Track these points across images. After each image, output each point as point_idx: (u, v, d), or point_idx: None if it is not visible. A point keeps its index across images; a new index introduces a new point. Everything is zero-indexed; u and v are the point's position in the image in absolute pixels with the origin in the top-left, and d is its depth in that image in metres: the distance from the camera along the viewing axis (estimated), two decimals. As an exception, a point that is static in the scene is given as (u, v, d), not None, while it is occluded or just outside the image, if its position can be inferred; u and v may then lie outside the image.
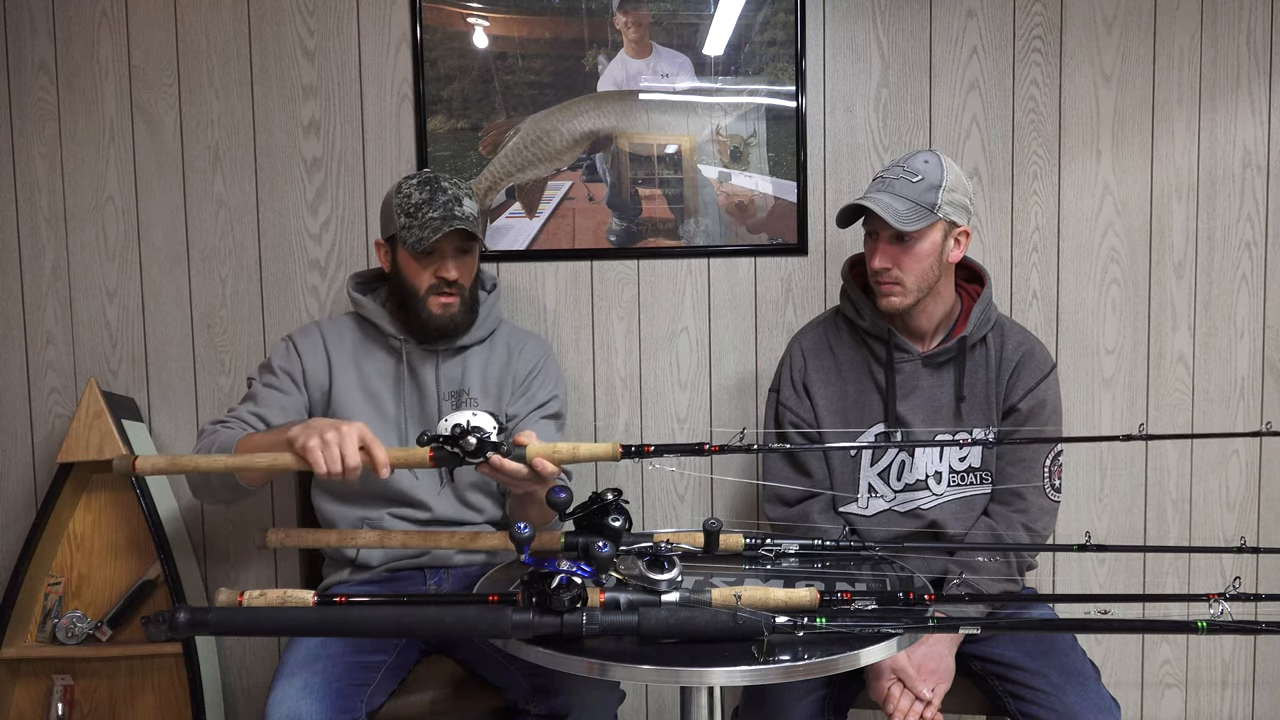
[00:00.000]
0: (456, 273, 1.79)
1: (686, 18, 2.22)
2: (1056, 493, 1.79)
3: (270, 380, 1.81)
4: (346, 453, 1.39)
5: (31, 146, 2.23)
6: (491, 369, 1.90)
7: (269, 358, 1.86)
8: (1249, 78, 2.24)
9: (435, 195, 1.77)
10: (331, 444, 1.39)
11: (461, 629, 1.33)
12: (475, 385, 1.88)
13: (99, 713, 2.20)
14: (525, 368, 1.92)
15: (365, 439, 1.42)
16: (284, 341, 1.87)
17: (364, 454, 1.41)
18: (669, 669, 1.18)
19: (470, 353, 1.89)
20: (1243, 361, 2.29)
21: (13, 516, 2.27)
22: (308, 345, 1.85)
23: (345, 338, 1.88)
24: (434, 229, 1.74)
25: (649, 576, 1.25)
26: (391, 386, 1.84)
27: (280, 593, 1.34)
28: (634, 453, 1.42)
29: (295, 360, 1.83)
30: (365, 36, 2.22)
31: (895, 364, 1.78)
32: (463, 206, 1.78)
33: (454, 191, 1.78)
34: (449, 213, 1.75)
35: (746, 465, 2.30)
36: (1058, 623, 1.75)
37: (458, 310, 1.82)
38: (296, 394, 1.81)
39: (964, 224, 1.74)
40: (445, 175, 1.83)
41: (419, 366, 1.86)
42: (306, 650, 1.63)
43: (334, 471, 1.39)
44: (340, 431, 1.40)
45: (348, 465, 1.39)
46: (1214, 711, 2.35)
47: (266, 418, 1.73)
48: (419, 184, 1.79)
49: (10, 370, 2.26)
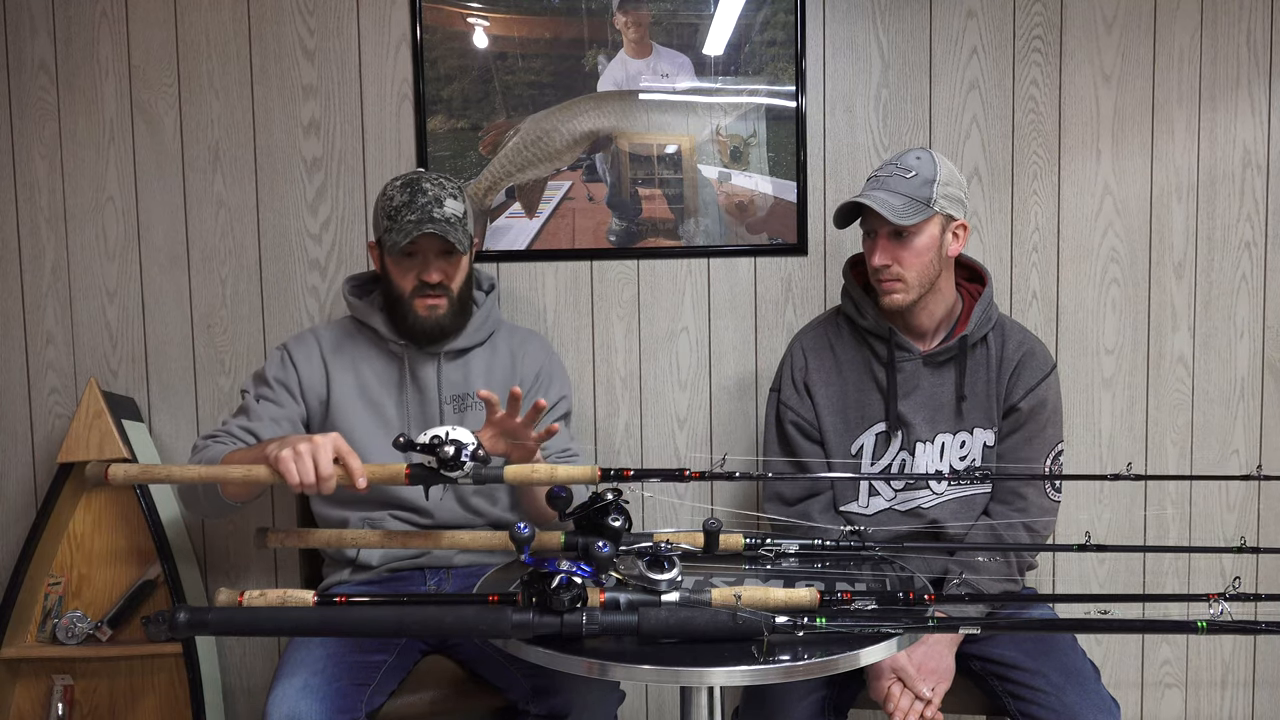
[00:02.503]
0: (438, 275, 1.76)
1: (686, 18, 2.22)
2: (1057, 493, 1.79)
3: (263, 392, 1.78)
4: (320, 461, 1.35)
5: (31, 146, 2.23)
6: (495, 372, 1.89)
7: (263, 368, 1.82)
8: (1249, 78, 2.24)
9: (414, 197, 1.74)
10: (304, 454, 1.35)
11: (461, 629, 1.32)
12: (478, 388, 1.85)
13: (99, 713, 2.20)
14: (531, 371, 1.91)
15: (340, 450, 1.38)
16: (279, 350, 1.84)
17: (339, 465, 1.38)
18: (669, 669, 1.18)
19: (472, 355, 1.88)
20: (1243, 361, 2.29)
21: (13, 516, 2.27)
22: (303, 354, 1.82)
23: (342, 344, 1.85)
24: (406, 233, 1.72)
25: (649, 576, 1.25)
26: (392, 392, 1.83)
27: (280, 593, 1.34)
28: (612, 476, 1.40)
29: (290, 371, 1.80)
30: (365, 36, 2.22)
31: (896, 363, 1.78)
32: (443, 208, 1.75)
33: (435, 193, 1.76)
34: (425, 215, 1.73)
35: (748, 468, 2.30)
36: (1058, 623, 1.75)
37: (444, 313, 1.79)
38: (292, 405, 1.78)
39: (961, 217, 1.74)
40: (431, 175, 1.80)
41: (420, 371, 1.84)
42: (306, 650, 1.63)
43: (306, 482, 1.35)
44: (314, 443, 1.37)
45: (321, 475, 1.35)
46: (1214, 711, 2.35)
47: (257, 432, 1.69)
48: (401, 185, 1.77)
49: (10, 370, 2.26)
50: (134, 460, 2.09)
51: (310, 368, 1.81)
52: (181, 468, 1.45)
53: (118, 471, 1.42)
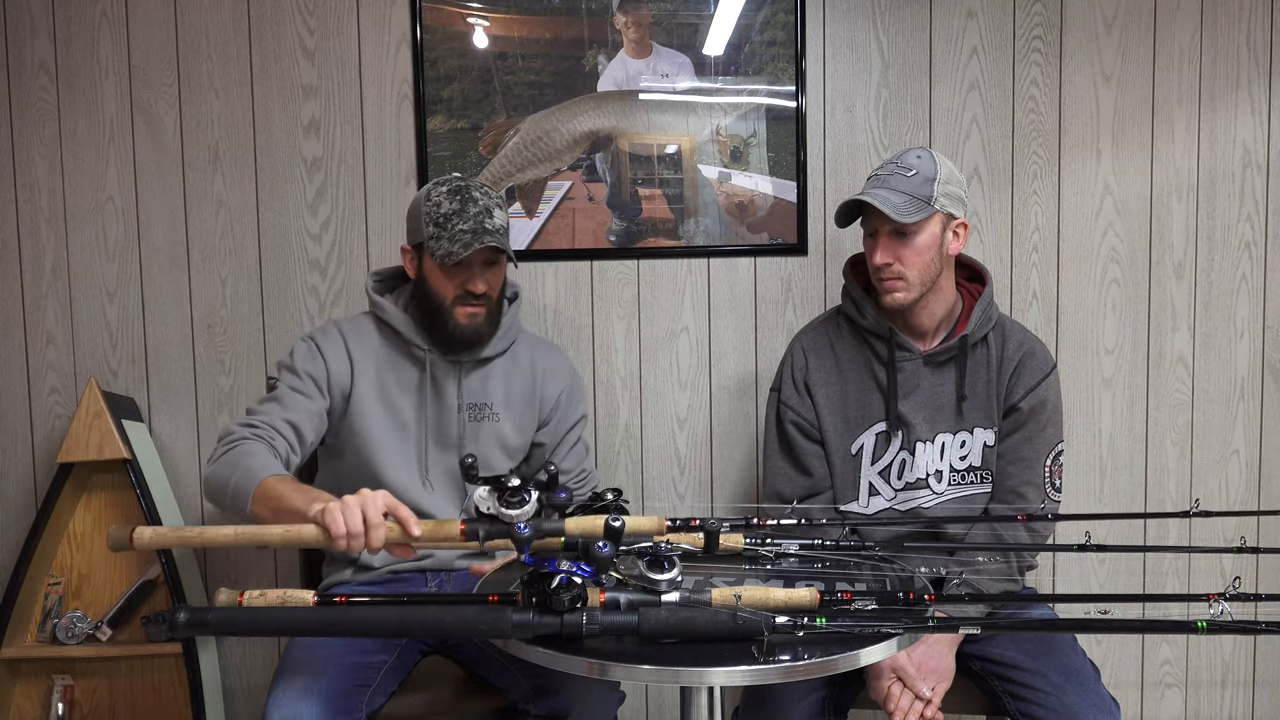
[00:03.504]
0: (484, 286, 1.74)
1: (686, 18, 2.22)
2: (1057, 493, 1.79)
3: (295, 383, 1.72)
4: (369, 513, 1.29)
5: (31, 146, 2.23)
6: (515, 384, 1.87)
7: (291, 358, 1.77)
8: (1249, 78, 2.24)
9: (466, 206, 1.71)
10: (352, 505, 1.29)
11: (461, 629, 1.32)
12: (498, 399, 1.84)
13: (99, 713, 2.20)
14: (554, 394, 1.89)
15: (390, 504, 1.32)
16: (306, 342, 1.79)
17: (389, 519, 1.31)
18: (669, 669, 1.17)
19: (493, 365, 1.85)
20: (1243, 361, 2.29)
21: (13, 516, 2.27)
22: (331, 347, 1.78)
23: (366, 341, 1.81)
24: (464, 244, 1.68)
25: (649, 576, 1.24)
26: (412, 398, 1.80)
27: (280, 593, 1.33)
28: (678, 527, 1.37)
29: (320, 363, 1.76)
30: (365, 36, 2.22)
31: (896, 363, 1.78)
32: (493, 218, 1.72)
33: (485, 202, 1.72)
34: (479, 225, 1.69)
35: (748, 467, 2.30)
36: (1058, 623, 1.75)
37: (483, 321, 1.77)
38: (319, 399, 1.74)
39: (961, 216, 1.74)
40: (477, 184, 1.76)
41: (442, 379, 1.81)
42: (306, 651, 1.63)
43: (354, 531, 1.28)
44: (363, 495, 1.31)
45: (370, 522, 1.28)
46: (1214, 711, 2.35)
47: (298, 424, 1.66)
48: (449, 192, 1.73)
49: (10, 370, 2.26)
50: (134, 460, 2.09)
51: (338, 361, 1.77)
52: (215, 530, 1.33)
53: (143, 535, 1.31)
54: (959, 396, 1.78)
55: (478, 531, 1.29)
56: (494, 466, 1.83)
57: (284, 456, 1.61)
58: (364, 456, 1.77)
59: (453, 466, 1.81)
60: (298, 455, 1.66)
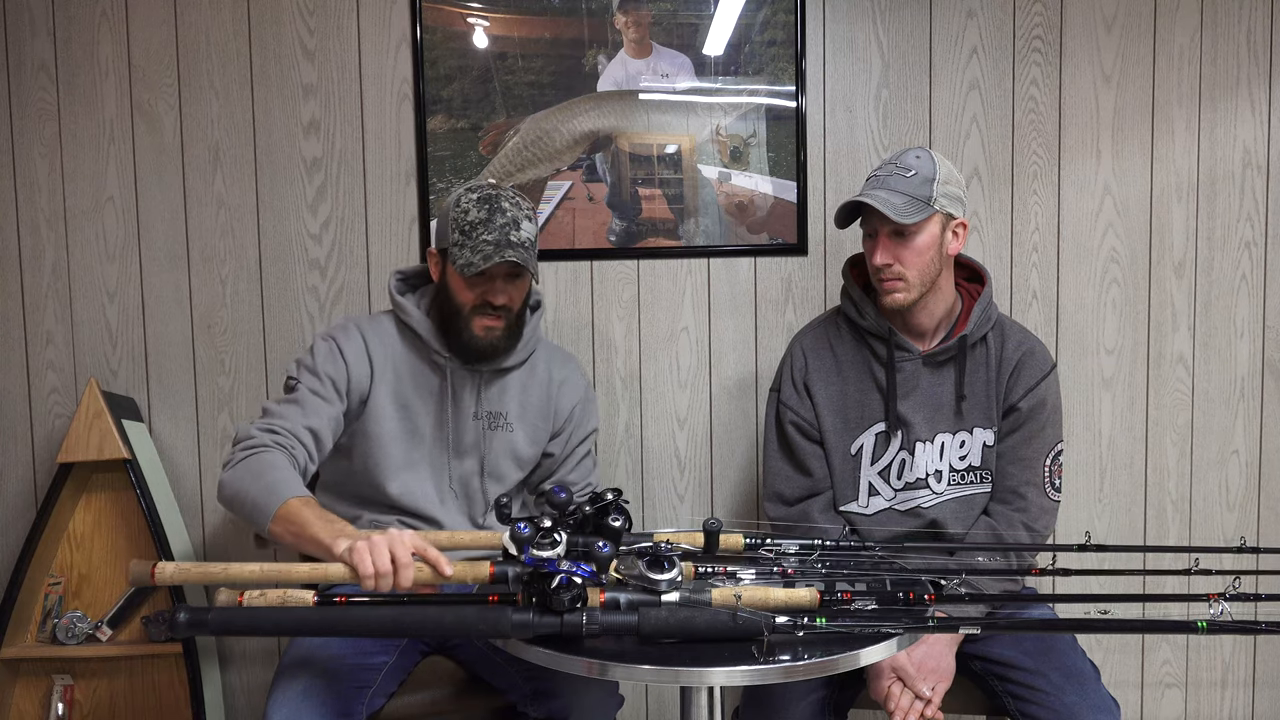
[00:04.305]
0: (505, 298, 1.69)
1: (686, 18, 2.22)
2: (1056, 492, 1.79)
3: (315, 386, 1.67)
4: (398, 553, 1.28)
5: (31, 146, 2.23)
6: (530, 395, 1.84)
7: (312, 357, 1.71)
8: (1249, 78, 2.24)
9: (493, 216, 1.65)
10: (380, 545, 1.28)
11: (461, 629, 1.32)
12: (513, 409, 1.81)
13: (99, 713, 2.20)
14: (567, 406, 1.86)
15: (418, 544, 1.31)
16: (327, 341, 1.73)
17: (418, 560, 1.30)
18: (669, 669, 1.17)
19: (511, 376, 1.82)
20: (1243, 361, 2.29)
21: (13, 516, 2.27)
22: (352, 348, 1.72)
23: (386, 343, 1.76)
24: (485, 255, 1.63)
25: (649, 576, 1.25)
26: (428, 402, 1.77)
27: (280, 593, 1.33)
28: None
29: (340, 365, 1.70)
30: (365, 36, 2.22)
31: (896, 363, 1.78)
32: (520, 231, 1.66)
33: (514, 214, 1.67)
34: (504, 238, 1.64)
35: (748, 467, 2.30)
36: (1058, 623, 1.75)
37: (500, 334, 1.72)
38: (338, 404, 1.69)
39: (960, 216, 1.74)
40: (507, 193, 1.70)
41: (460, 387, 1.78)
42: (306, 652, 1.62)
43: (383, 570, 1.26)
44: (390, 535, 1.30)
45: (400, 562, 1.27)
46: (1214, 711, 2.35)
47: (320, 433, 1.63)
48: (479, 200, 1.67)
49: (10, 370, 2.26)
50: (134, 460, 2.09)
51: (359, 365, 1.73)
52: (239, 567, 1.31)
53: (165, 571, 1.29)
54: (958, 396, 1.78)
55: (507, 573, 1.29)
56: (504, 475, 1.82)
57: (303, 466, 1.58)
58: (372, 460, 1.74)
59: (465, 474, 1.81)
60: (315, 464, 1.64)
